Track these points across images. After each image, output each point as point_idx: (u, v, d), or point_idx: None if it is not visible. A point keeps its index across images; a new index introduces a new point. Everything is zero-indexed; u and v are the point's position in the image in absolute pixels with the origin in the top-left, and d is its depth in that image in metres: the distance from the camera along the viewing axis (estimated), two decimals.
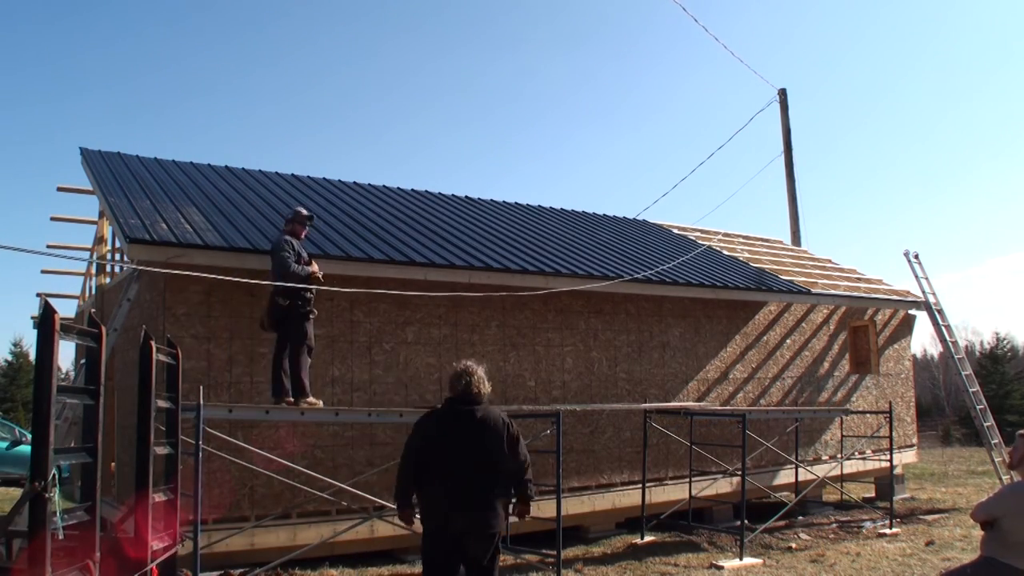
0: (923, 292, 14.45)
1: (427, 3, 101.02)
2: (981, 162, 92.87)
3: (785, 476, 12.09)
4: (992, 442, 13.66)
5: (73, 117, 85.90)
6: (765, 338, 12.46)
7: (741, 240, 16.27)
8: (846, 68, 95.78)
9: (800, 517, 11.42)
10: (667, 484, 10.79)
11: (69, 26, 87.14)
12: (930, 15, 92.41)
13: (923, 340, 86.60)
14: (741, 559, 8.65)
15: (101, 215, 10.97)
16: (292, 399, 7.44)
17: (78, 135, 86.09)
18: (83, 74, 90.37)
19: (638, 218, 16.24)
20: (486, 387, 5.14)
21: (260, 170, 12.23)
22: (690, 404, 10.89)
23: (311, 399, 7.53)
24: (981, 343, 55.43)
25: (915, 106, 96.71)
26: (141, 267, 7.27)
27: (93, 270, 11.80)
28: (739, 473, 9.68)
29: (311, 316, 7.60)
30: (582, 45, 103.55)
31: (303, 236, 7.85)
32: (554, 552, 7.80)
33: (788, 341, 12.81)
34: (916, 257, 14.61)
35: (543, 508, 9.27)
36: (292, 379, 7.46)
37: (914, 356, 15.62)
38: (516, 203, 14.46)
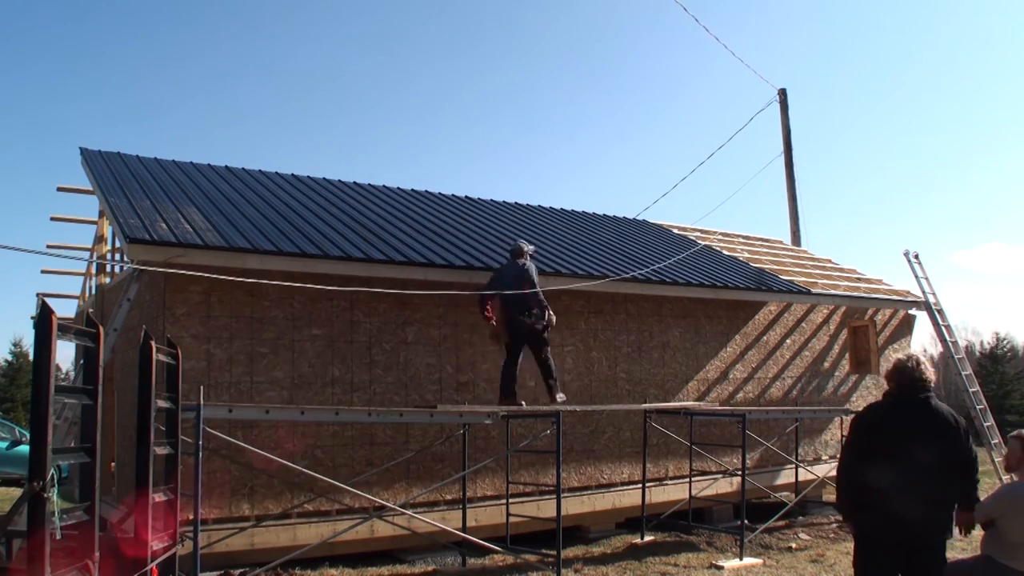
0: (923, 292, 14.46)
1: (431, 8, 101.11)
2: (981, 162, 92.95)
3: (785, 476, 12.09)
4: (992, 442, 13.67)
5: (74, 118, 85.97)
6: (765, 338, 12.46)
7: (741, 240, 16.26)
8: (846, 68, 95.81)
9: (800, 517, 11.41)
10: (667, 484, 10.79)
11: (71, 26, 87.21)
12: (930, 15, 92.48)
13: (923, 340, 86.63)
14: (741, 559, 8.65)
15: (101, 214, 10.99)
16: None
17: (78, 136, 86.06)
18: (85, 75, 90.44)
19: (638, 218, 16.24)
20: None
21: (260, 170, 12.24)
22: (690, 404, 10.88)
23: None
24: (981, 343, 55.33)
25: (916, 106, 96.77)
26: (141, 267, 7.28)
27: (93, 270, 11.81)
28: (739, 473, 9.68)
29: None
30: (585, 49, 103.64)
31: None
32: (554, 552, 7.81)
33: (788, 341, 12.81)
34: (916, 257, 14.62)
35: (543, 508, 9.28)
36: (554, 377, 8.85)
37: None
38: (516, 203, 14.46)
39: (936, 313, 14.40)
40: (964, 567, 5.37)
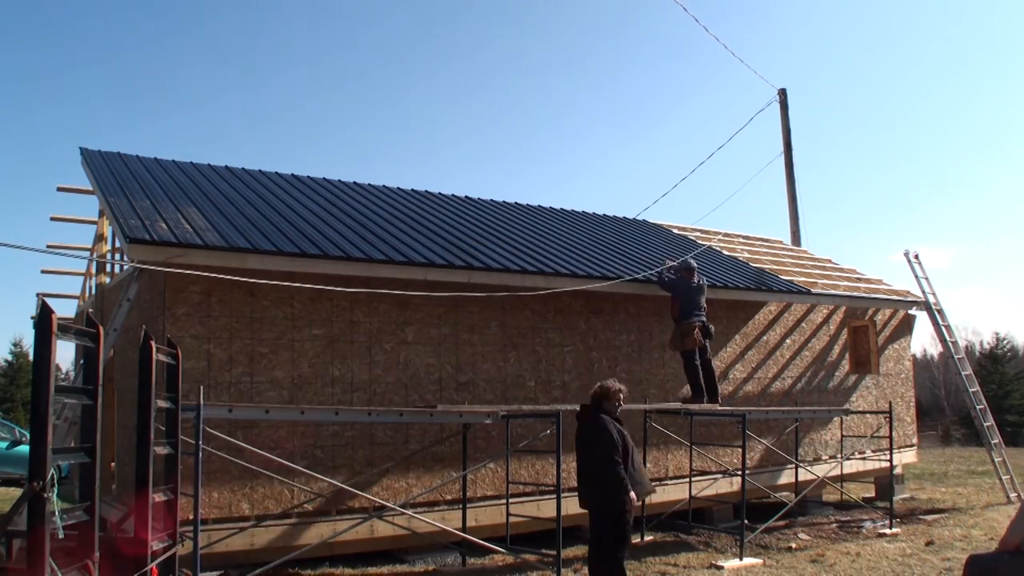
0: (923, 292, 14.46)
1: (434, 14, 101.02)
2: (980, 163, 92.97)
3: (785, 476, 12.08)
4: (992, 442, 13.66)
5: (76, 119, 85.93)
6: (765, 338, 12.45)
7: (741, 240, 16.26)
8: (846, 68, 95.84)
9: (800, 517, 11.42)
10: (667, 484, 10.78)
11: (74, 27, 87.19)
12: (931, 15, 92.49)
13: (923, 340, 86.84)
14: (741, 559, 8.65)
15: (101, 214, 10.98)
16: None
17: (79, 137, 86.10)
18: (87, 76, 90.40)
19: (638, 218, 16.24)
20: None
21: (260, 170, 12.24)
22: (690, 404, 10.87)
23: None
24: (981, 343, 55.46)
25: (916, 106, 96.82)
26: (141, 267, 7.28)
27: (93, 270, 11.81)
28: (739, 473, 9.68)
29: None
30: (589, 52, 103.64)
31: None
32: (554, 552, 7.81)
33: (788, 341, 12.80)
34: (916, 257, 14.62)
35: (543, 508, 9.28)
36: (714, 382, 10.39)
37: (914, 356, 15.61)
38: (516, 203, 14.45)
39: (936, 313, 14.39)
40: (988, 561, 5.25)
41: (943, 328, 14.31)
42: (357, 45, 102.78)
